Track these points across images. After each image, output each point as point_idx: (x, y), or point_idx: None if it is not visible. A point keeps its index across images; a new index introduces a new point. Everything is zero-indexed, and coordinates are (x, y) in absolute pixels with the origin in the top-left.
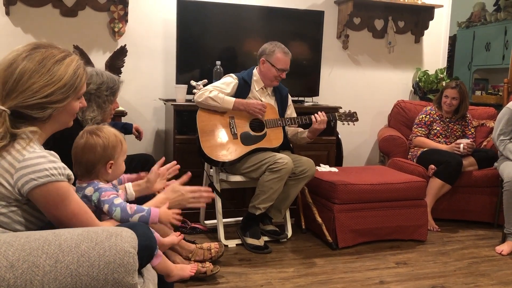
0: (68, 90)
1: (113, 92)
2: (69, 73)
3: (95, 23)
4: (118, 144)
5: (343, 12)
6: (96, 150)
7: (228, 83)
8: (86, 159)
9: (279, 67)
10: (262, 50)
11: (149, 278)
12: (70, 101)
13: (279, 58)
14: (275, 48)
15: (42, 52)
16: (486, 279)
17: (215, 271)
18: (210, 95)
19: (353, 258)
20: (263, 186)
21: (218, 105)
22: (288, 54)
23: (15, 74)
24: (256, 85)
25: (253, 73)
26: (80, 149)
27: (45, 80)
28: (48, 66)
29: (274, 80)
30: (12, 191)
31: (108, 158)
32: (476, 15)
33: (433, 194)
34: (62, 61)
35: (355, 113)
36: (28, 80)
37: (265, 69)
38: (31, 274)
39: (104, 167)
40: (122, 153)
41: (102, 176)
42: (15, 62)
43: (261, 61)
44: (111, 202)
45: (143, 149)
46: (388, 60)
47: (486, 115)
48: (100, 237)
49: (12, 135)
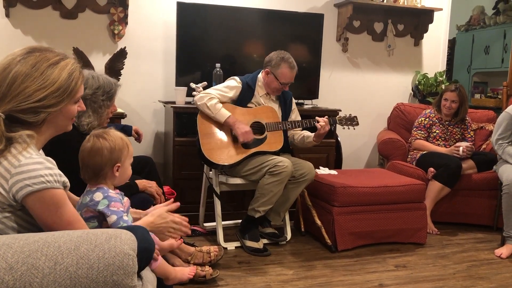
0: (62, 94)
1: (110, 96)
2: (63, 77)
3: (95, 25)
4: (124, 147)
5: (342, 15)
6: (103, 153)
7: (231, 86)
8: (93, 162)
9: (283, 81)
10: (268, 60)
11: (148, 281)
12: (66, 105)
13: (284, 73)
14: (282, 62)
15: (36, 55)
16: (485, 282)
17: (215, 275)
18: (208, 103)
19: (353, 261)
20: (263, 189)
21: (212, 115)
22: (294, 69)
23: (8, 78)
24: (260, 90)
25: (258, 78)
26: (87, 153)
27: (38, 84)
28: (41, 70)
29: (276, 91)
30: (7, 197)
31: (115, 161)
32: (476, 19)
33: (433, 197)
34: (56, 64)
35: (355, 117)
36: (21, 84)
37: (268, 80)
38: (30, 276)
39: (111, 170)
40: (128, 156)
41: (110, 179)
42: (9, 66)
43: (266, 71)
44: (120, 216)
45: (143, 151)
46: (388, 63)
47: (485, 118)
48: (99, 239)
49: (8, 139)
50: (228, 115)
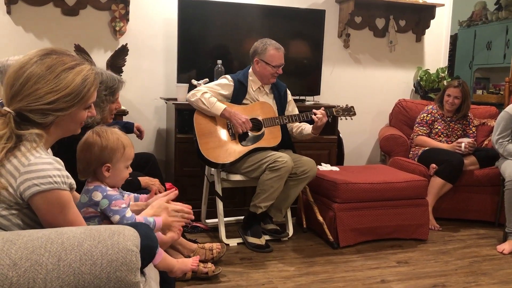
0: (73, 99)
1: (112, 92)
2: (77, 82)
3: (96, 22)
4: (118, 148)
5: (344, 11)
6: (93, 149)
7: (223, 84)
8: (83, 156)
9: (274, 64)
10: (253, 50)
11: (151, 277)
12: (76, 110)
13: (273, 55)
14: (267, 45)
15: (53, 58)
16: (487, 278)
17: (217, 271)
18: (202, 97)
19: (354, 257)
20: (264, 185)
21: (207, 110)
22: (280, 49)
23: (22, 78)
24: (253, 85)
25: (249, 73)
26: (80, 146)
27: (50, 87)
28: (56, 73)
29: (271, 77)
30: (14, 195)
31: (105, 161)
32: (478, 14)
33: (434, 193)
34: (72, 69)
35: (352, 108)
36: (33, 85)
37: (260, 69)
38: (34, 272)
39: (100, 168)
40: (123, 159)
41: (100, 178)
42: (25, 66)
43: (255, 61)
44: (122, 214)
45: (145, 148)
46: (389, 59)
47: (487, 114)
48: (102, 235)
49: (17, 136)
50: (223, 107)
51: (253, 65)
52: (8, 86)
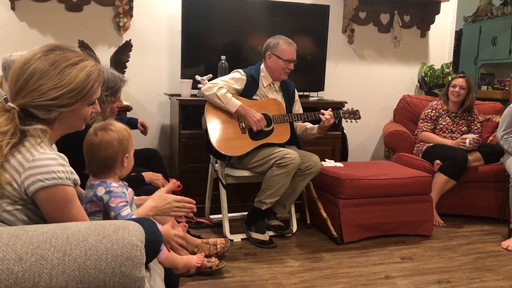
0: (77, 95)
1: (114, 92)
2: (80, 78)
3: (100, 18)
4: (130, 137)
5: (348, 6)
6: (114, 144)
7: (236, 79)
8: (104, 155)
9: (286, 58)
10: (266, 45)
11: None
12: (79, 106)
13: (285, 49)
14: (279, 40)
15: (57, 54)
16: (491, 274)
17: (221, 266)
18: (218, 92)
19: (358, 253)
20: (270, 181)
21: (222, 105)
22: (292, 44)
23: (26, 73)
24: (264, 81)
25: (261, 68)
26: (97, 146)
27: (54, 83)
28: (60, 69)
29: (283, 73)
30: (19, 190)
31: (125, 152)
32: (483, 9)
33: (438, 189)
34: (75, 65)
35: (357, 111)
36: (37, 81)
37: (272, 63)
38: (39, 267)
39: (122, 160)
40: (132, 145)
41: (120, 170)
42: (29, 62)
43: (267, 55)
44: (117, 212)
45: (149, 144)
46: (394, 55)
47: (492, 110)
48: (107, 230)
49: (22, 132)
50: (239, 104)
51: (265, 60)
52: (12, 81)
